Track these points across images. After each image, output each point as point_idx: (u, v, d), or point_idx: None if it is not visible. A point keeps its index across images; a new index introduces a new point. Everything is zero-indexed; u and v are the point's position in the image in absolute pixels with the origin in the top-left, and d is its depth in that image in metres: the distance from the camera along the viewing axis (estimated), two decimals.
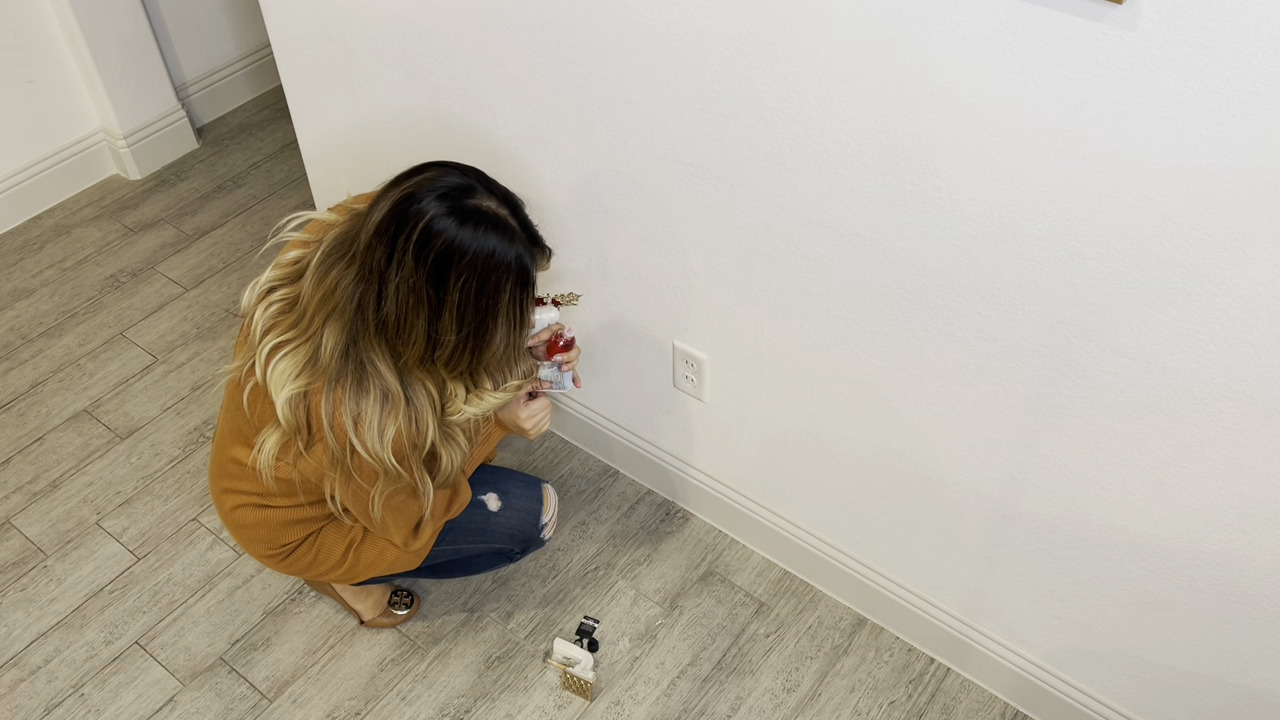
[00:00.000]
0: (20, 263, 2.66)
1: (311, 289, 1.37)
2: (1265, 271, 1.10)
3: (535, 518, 1.74)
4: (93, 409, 2.30)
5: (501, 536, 1.72)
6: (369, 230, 1.31)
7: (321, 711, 1.82)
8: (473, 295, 1.30)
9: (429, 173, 1.32)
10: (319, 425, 1.38)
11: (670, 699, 1.83)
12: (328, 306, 1.35)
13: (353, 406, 1.36)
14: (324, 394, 1.36)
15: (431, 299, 1.30)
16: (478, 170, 1.36)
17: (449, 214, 1.27)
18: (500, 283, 1.32)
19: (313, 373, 1.37)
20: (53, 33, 2.63)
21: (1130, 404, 1.30)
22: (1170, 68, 1.03)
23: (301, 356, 1.37)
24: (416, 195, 1.29)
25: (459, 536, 1.69)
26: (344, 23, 1.81)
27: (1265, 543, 1.31)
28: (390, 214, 1.29)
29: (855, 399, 1.61)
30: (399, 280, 1.29)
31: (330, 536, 1.64)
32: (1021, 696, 1.78)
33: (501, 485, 1.72)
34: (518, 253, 1.32)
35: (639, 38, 1.42)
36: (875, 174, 1.32)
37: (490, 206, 1.31)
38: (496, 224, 1.30)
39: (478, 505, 1.69)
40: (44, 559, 2.03)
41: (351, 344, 1.35)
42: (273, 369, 1.38)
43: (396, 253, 1.28)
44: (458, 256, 1.28)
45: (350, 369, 1.36)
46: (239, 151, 3.01)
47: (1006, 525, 1.57)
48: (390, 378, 1.36)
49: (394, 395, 1.37)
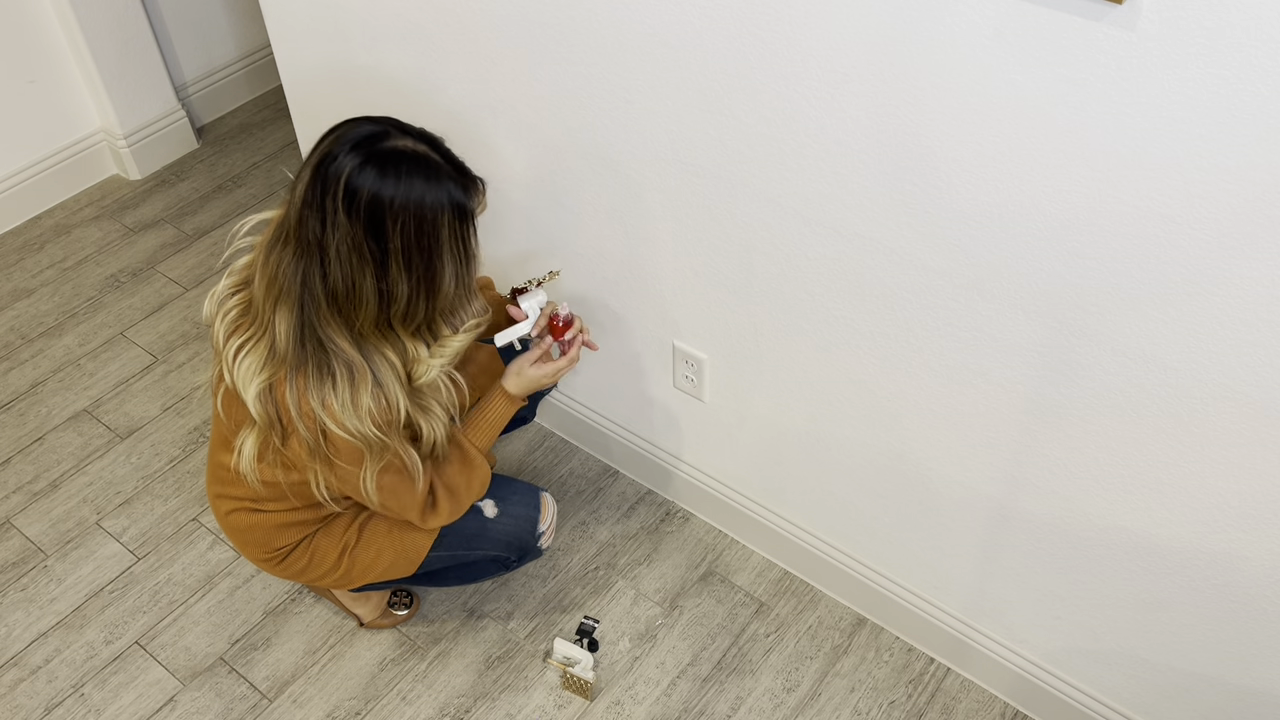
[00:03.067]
0: (20, 263, 2.66)
1: (259, 281, 1.37)
2: (1265, 271, 1.10)
3: (532, 525, 1.72)
4: (93, 409, 2.30)
5: (498, 543, 1.71)
6: (296, 204, 1.30)
7: (321, 711, 1.82)
8: (413, 238, 1.30)
9: (339, 130, 1.31)
10: (289, 416, 1.38)
11: (670, 699, 1.83)
12: (274, 291, 1.35)
13: (318, 389, 1.35)
14: (287, 383, 1.36)
15: (374, 252, 1.29)
16: (389, 118, 1.35)
17: (367, 161, 1.27)
18: (437, 219, 1.31)
19: (274, 364, 1.36)
20: (53, 33, 2.63)
21: (1130, 404, 1.30)
22: (1170, 68, 1.03)
23: (262, 350, 1.37)
24: (332, 153, 1.28)
25: (455, 542, 1.69)
26: (344, 23, 1.81)
27: (1265, 543, 1.31)
28: (312, 180, 1.29)
29: (855, 399, 1.61)
30: (338, 242, 1.28)
31: (325, 540, 1.64)
32: (1021, 696, 1.78)
33: (499, 492, 1.71)
34: (448, 186, 1.31)
35: (639, 37, 1.42)
36: (875, 174, 1.32)
37: (408, 145, 1.30)
38: (419, 161, 1.29)
39: (474, 511, 1.68)
40: (44, 559, 2.03)
41: (305, 325, 1.34)
42: (238, 369, 1.38)
43: (328, 216, 1.27)
44: (388, 202, 1.27)
45: (310, 352, 1.35)
46: (239, 151, 3.01)
47: (1006, 525, 1.57)
48: (351, 351, 1.35)
49: (359, 367, 1.36)
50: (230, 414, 1.48)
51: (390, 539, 1.65)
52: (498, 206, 1.84)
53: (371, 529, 1.65)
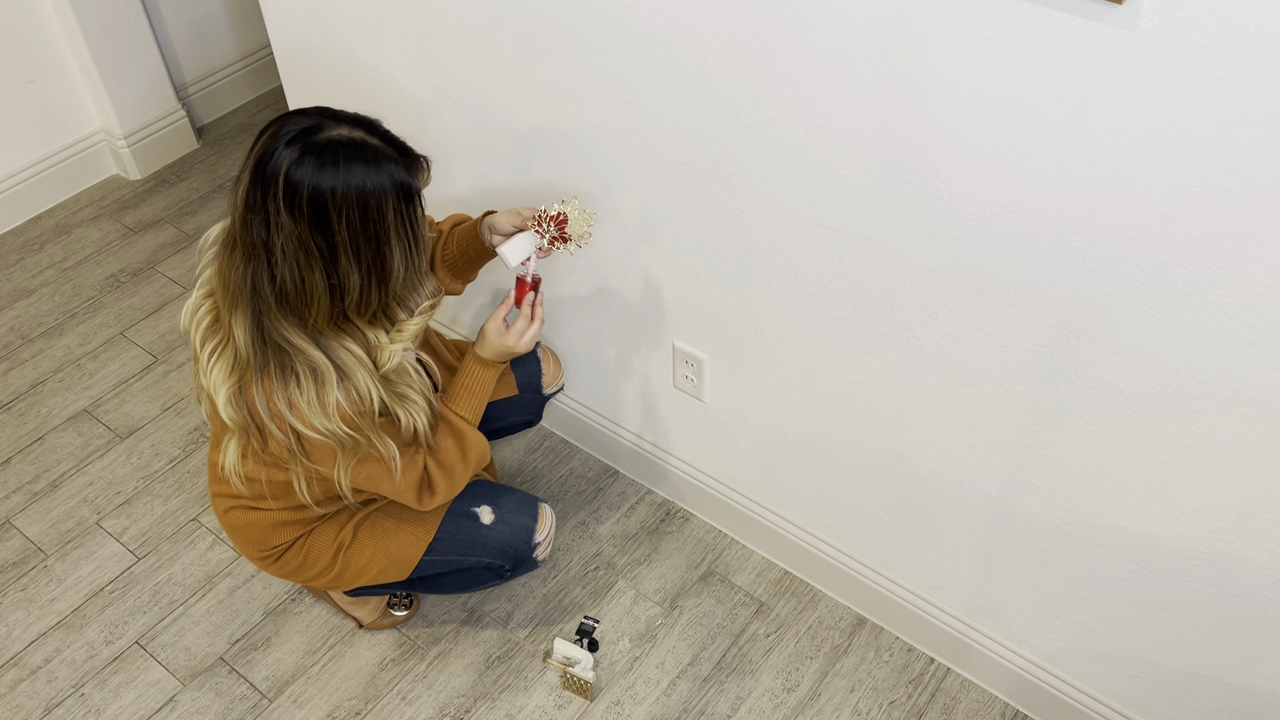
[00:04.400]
0: (20, 263, 2.66)
1: (217, 289, 1.37)
2: (1265, 271, 1.10)
3: (528, 534, 1.69)
4: (93, 409, 2.30)
5: (493, 550, 1.69)
6: (239, 208, 1.29)
7: (321, 711, 1.82)
8: (359, 226, 1.28)
9: (272, 127, 1.30)
10: (261, 419, 1.38)
11: (670, 699, 1.83)
12: (228, 298, 1.34)
13: (282, 392, 1.35)
14: (254, 386, 1.36)
15: (321, 247, 1.28)
16: (323, 107, 1.33)
17: (303, 155, 1.25)
18: (382, 205, 1.29)
19: (239, 368, 1.36)
20: (53, 33, 2.63)
21: (1130, 404, 1.30)
22: (1170, 68, 1.03)
23: (229, 356, 1.37)
24: (268, 151, 1.26)
25: (449, 548, 1.67)
26: (344, 23, 1.81)
27: (1265, 543, 1.31)
28: (251, 182, 1.27)
29: (855, 399, 1.61)
30: (283, 242, 1.27)
31: (319, 540, 1.64)
32: (1021, 696, 1.78)
33: (498, 500, 1.70)
34: (389, 169, 1.29)
35: (639, 37, 1.42)
36: (875, 174, 1.32)
37: (343, 134, 1.28)
38: (355, 148, 1.28)
39: (470, 517, 1.67)
40: (44, 559, 2.03)
41: (258, 328, 1.34)
42: (210, 375, 1.38)
43: (270, 216, 1.26)
44: (330, 194, 1.26)
45: (270, 353, 1.34)
46: (239, 151, 3.01)
47: (1006, 525, 1.57)
48: (311, 350, 1.34)
49: (321, 367, 1.35)
50: (216, 419, 1.48)
51: (385, 542, 1.65)
52: (499, 207, 1.84)
53: (366, 531, 1.64)
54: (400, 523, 1.65)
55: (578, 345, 2.00)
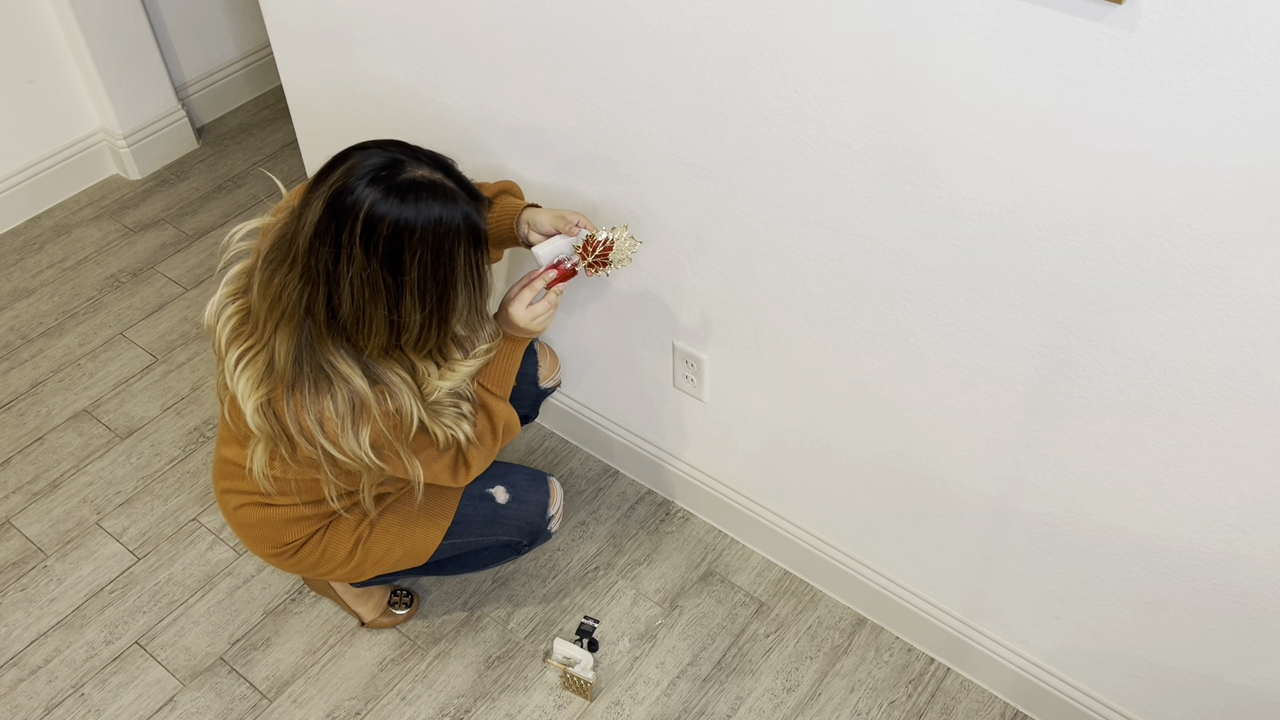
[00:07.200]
0: (20, 263, 2.66)
1: (259, 297, 1.36)
2: (1265, 271, 1.10)
3: (543, 509, 1.74)
4: (93, 409, 2.30)
5: (510, 528, 1.72)
6: (306, 233, 1.28)
7: (321, 711, 1.82)
8: (429, 269, 1.29)
9: (351, 160, 1.29)
10: (290, 432, 1.38)
11: (670, 699, 1.83)
12: (276, 313, 1.34)
13: (314, 409, 1.35)
14: (284, 400, 1.36)
15: (390, 285, 1.28)
16: (398, 141, 1.34)
17: (387, 195, 1.26)
18: (454, 249, 1.30)
19: (271, 380, 1.36)
20: (53, 33, 2.63)
21: (1130, 404, 1.30)
22: (1170, 68, 1.03)
23: (261, 364, 1.37)
24: (349, 186, 1.26)
25: (468, 529, 1.69)
26: (344, 23, 1.81)
27: (1265, 543, 1.31)
28: (326, 212, 1.27)
29: (855, 399, 1.61)
30: (352, 276, 1.27)
31: (337, 534, 1.64)
32: (1021, 696, 1.78)
33: (509, 478, 1.73)
34: (464, 212, 1.30)
35: (639, 37, 1.42)
36: (875, 174, 1.32)
37: (424, 175, 1.29)
38: (435, 191, 1.28)
39: (486, 498, 1.70)
40: (44, 559, 2.03)
41: (305, 348, 1.34)
42: (237, 381, 1.38)
43: (343, 249, 1.26)
44: (408, 235, 1.26)
45: (307, 372, 1.34)
46: (239, 151, 3.01)
47: (1006, 525, 1.57)
48: (356, 378, 1.35)
49: (362, 396, 1.35)
50: (239, 421, 1.48)
51: (403, 532, 1.65)
52: None
53: (384, 522, 1.65)
54: (419, 511, 1.66)
55: (578, 345, 2.00)
